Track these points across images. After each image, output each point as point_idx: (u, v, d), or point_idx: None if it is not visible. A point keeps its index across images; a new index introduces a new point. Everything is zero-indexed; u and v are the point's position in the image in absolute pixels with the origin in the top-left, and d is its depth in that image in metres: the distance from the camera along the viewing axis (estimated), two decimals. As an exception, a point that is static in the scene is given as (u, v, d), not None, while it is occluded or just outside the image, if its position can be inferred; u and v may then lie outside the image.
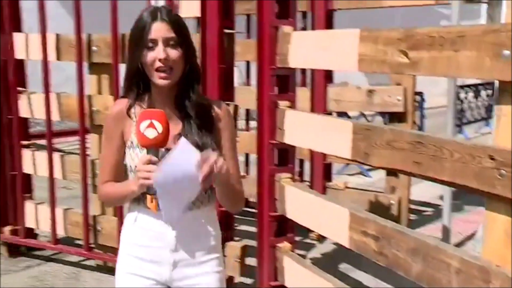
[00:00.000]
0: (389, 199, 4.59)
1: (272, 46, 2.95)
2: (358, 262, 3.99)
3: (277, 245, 3.17)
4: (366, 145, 2.44)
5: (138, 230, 1.89)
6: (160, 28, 1.73)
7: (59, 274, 4.08)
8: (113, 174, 1.91)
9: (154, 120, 1.67)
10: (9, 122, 4.23)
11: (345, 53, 2.52)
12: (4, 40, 4.13)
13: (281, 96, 3.02)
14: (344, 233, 2.62)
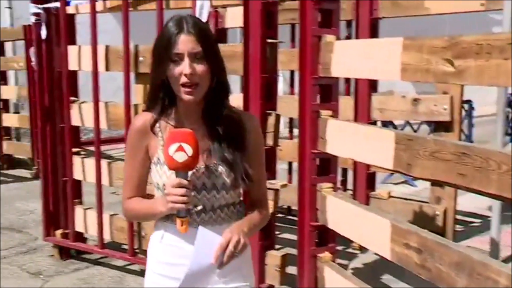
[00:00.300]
0: (434, 210, 4.45)
1: (315, 55, 2.89)
2: (400, 273, 3.87)
3: (318, 255, 3.11)
4: (408, 155, 2.36)
5: (165, 248, 1.80)
6: (186, 41, 1.62)
7: (104, 277, 4.13)
8: (137, 190, 1.82)
9: (183, 143, 1.59)
10: (61, 130, 4.31)
11: (387, 62, 2.44)
12: (59, 53, 4.21)
13: (323, 105, 2.96)
14: (385, 245, 2.53)
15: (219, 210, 1.78)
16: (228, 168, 1.73)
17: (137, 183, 1.81)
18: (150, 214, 1.78)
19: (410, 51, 2.32)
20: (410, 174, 2.40)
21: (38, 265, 4.36)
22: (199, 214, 1.75)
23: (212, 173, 1.73)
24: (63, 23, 4.08)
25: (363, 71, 2.65)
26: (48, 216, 4.51)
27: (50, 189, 4.49)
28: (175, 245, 1.77)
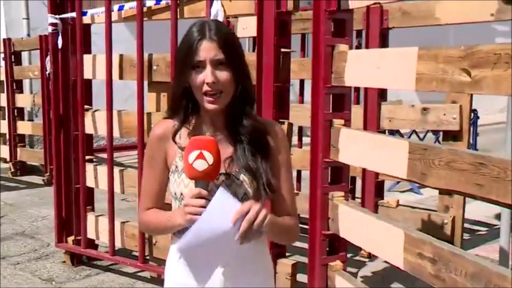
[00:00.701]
0: (442, 218, 4.38)
1: (328, 64, 2.84)
2: (410, 281, 3.80)
3: (329, 264, 3.04)
4: (423, 165, 2.30)
5: (182, 268, 1.63)
6: (208, 48, 1.52)
7: (115, 284, 4.07)
8: (156, 201, 1.71)
9: (204, 151, 1.47)
10: (75, 138, 4.27)
11: (402, 72, 2.39)
12: (75, 61, 4.18)
13: (335, 114, 2.90)
14: (398, 254, 2.47)
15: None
16: (250, 176, 1.61)
17: (155, 193, 1.70)
18: (169, 226, 1.63)
19: (425, 60, 2.27)
20: (425, 183, 2.33)
21: (50, 272, 4.31)
22: None
23: (234, 181, 1.61)
24: (78, 33, 4.04)
25: (377, 80, 2.59)
26: (60, 222, 4.46)
27: (63, 195, 4.45)
28: None
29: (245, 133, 1.62)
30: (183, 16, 3.56)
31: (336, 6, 2.81)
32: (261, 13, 3.05)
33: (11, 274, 4.24)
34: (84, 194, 4.27)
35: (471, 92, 2.17)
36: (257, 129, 1.65)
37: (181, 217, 1.53)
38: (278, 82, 3.05)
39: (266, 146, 1.66)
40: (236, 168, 1.62)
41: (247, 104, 1.64)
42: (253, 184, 1.61)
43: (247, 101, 1.64)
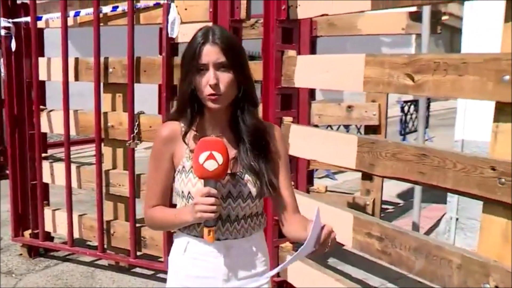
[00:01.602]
0: (364, 200, 4.52)
1: (278, 68, 2.84)
2: (344, 257, 3.90)
3: (280, 245, 3.05)
4: (371, 156, 2.35)
5: (190, 261, 1.58)
6: (210, 52, 1.45)
7: (75, 273, 3.87)
8: (161, 199, 1.62)
9: (214, 151, 1.40)
10: (31, 136, 4.01)
11: (350, 75, 2.42)
12: (29, 64, 3.92)
13: (284, 112, 2.91)
14: (348, 235, 2.51)
15: (243, 221, 1.57)
16: (254, 176, 1.55)
17: (161, 191, 1.61)
18: (176, 223, 1.55)
19: (372, 66, 2.31)
20: (373, 173, 2.39)
21: (9, 264, 4.02)
22: (223, 225, 1.55)
23: (238, 181, 1.54)
24: (33, 37, 3.78)
25: (326, 82, 2.61)
26: (17, 217, 4.18)
27: (19, 192, 4.16)
28: (200, 258, 1.58)
29: (247, 134, 1.55)
30: (139, 22, 3.42)
31: (286, 16, 2.82)
32: (216, 21, 2.99)
33: (-31, 270, 3.94)
34: (41, 190, 4.02)
35: (414, 94, 2.23)
36: (259, 130, 1.57)
37: (190, 214, 1.46)
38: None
39: (267, 146, 1.59)
40: (240, 168, 1.56)
41: (249, 105, 1.55)
42: (257, 183, 1.55)
43: (249, 102, 1.56)
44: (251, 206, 1.57)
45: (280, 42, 2.83)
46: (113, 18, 3.55)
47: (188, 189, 1.53)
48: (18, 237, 4.20)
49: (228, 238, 1.56)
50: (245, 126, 1.54)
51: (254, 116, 1.57)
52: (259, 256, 1.64)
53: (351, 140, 2.44)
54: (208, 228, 1.45)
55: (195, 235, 1.57)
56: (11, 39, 3.93)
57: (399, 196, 6.38)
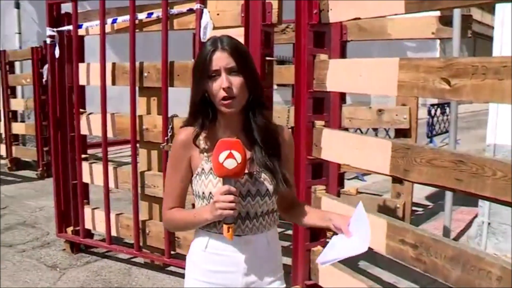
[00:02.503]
0: (395, 203, 4.29)
1: (310, 72, 2.66)
2: (373, 259, 3.68)
3: (312, 249, 2.87)
4: (405, 162, 2.15)
5: (210, 256, 1.56)
6: (221, 58, 1.44)
7: (113, 269, 3.79)
8: (178, 201, 1.60)
9: (233, 151, 1.39)
10: (72, 138, 3.95)
11: (384, 79, 2.23)
12: (71, 69, 3.86)
13: (317, 116, 2.72)
14: (381, 241, 2.32)
15: (261, 218, 1.55)
16: (270, 174, 1.53)
17: (179, 194, 1.59)
18: (196, 222, 1.53)
19: (406, 70, 2.11)
20: (407, 179, 2.18)
21: (53, 259, 3.98)
22: (243, 222, 1.52)
23: (256, 180, 1.53)
24: (75, 43, 3.71)
25: (359, 86, 2.42)
26: (60, 214, 4.13)
27: (61, 190, 4.11)
28: (220, 254, 1.54)
29: (259, 134, 1.53)
30: (173, 28, 3.30)
31: (318, 20, 2.64)
32: (248, 26, 2.83)
33: (19, 261, 3.91)
34: (81, 190, 3.96)
35: (451, 99, 2.02)
36: (270, 131, 1.56)
37: (210, 212, 1.44)
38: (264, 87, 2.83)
39: (278, 145, 1.58)
40: (256, 167, 1.54)
41: (260, 108, 1.53)
42: (273, 181, 1.54)
43: (259, 105, 1.53)
44: (268, 203, 1.56)
45: (312, 46, 2.66)
46: (148, 24, 3.44)
47: (209, 190, 1.51)
48: (62, 233, 4.15)
49: (247, 234, 1.54)
50: (258, 127, 1.53)
51: (265, 118, 1.55)
52: (275, 251, 1.64)
53: (385, 145, 2.25)
54: (228, 225, 1.43)
55: (216, 232, 1.54)
56: (55, 47, 3.89)
57: (427, 199, 6.10)
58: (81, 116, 3.90)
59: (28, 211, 5.47)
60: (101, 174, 3.78)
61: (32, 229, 4.78)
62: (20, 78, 7.77)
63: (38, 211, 5.46)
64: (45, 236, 4.56)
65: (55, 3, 3.88)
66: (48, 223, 4.93)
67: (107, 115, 3.71)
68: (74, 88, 3.81)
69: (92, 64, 3.81)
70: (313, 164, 2.78)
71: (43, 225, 4.91)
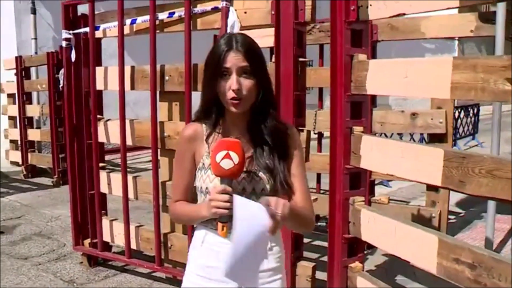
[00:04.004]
0: (430, 212, 4.05)
1: (348, 73, 2.46)
2: (412, 273, 3.46)
3: (350, 265, 2.66)
4: (460, 173, 1.93)
5: (206, 251, 1.59)
6: (234, 58, 1.45)
7: (133, 284, 3.63)
8: (185, 194, 1.64)
9: (231, 151, 1.40)
10: (88, 146, 3.79)
11: (435, 81, 2.02)
12: (87, 74, 3.71)
13: (355, 121, 2.52)
14: (431, 259, 2.10)
15: None
16: (268, 174, 1.54)
17: (184, 188, 1.63)
18: (196, 217, 1.56)
19: (462, 70, 1.90)
20: (463, 191, 1.96)
21: (70, 273, 3.82)
22: None
23: (253, 178, 1.54)
24: (91, 46, 3.56)
25: (404, 88, 2.21)
26: (76, 226, 3.98)
27: (78, 201, 3.96)
28: (215, 249, 1.57)
29: (266, 134, 1.55)
30: (196, 28, 3.12)
31: (355, 17, 2.44)
32: (279, 24, 2.64)
33: (35, 276, 3.76)
34: (98, 200, 3.80)
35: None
36: (278, 131, 1.57)
37: (207, 210, 1.45)
38: (297, 90, 2.64)
39: (285, 147, 1.59)
40: (255, 166, 1.56)
41: (268, 109, 1.55)
42: (270, 181, 1.55)
43: (268, 106, 1.56)
44: None
45: (349, 45, 2.46)
46: (169, 24, 3.27)
47: (206, 185, 1.54)
48: (79, 246, 4.00)
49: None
50: (266, 128, 1.54)
51: (274, 118, 1.56)
52: (273, 251, 1.61)
53: (436, 154, 2.03)
54: (222, 223, 1.43)
55: (212, 228, 1.56)
56: (71, 50, 3.74)
57: (458, 205, 5.84)
58: (98, 122, 3.75)
59: (44, 220, 5.34)
60: (119, 184, 3.62)
61: (48, 240, 4.64)
62: (36, 84, 7.71)
63: (54, 221, 5.33)
64: (61, 248, 4.41)
65: (71, 4, 3.74)
66: (64, 233, 4.79)
67: (126, 121, 3.55)
68: (91, 93, 3.66)
69: (110, 67, 3.65)
70: (351, 174, 2.57)
71: (59, 236, 4.77)
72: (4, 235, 4.79)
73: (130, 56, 3.47)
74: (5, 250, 4.36)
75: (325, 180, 4.83)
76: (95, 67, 3.63)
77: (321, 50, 4.64)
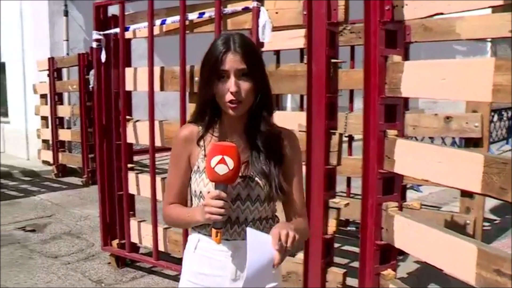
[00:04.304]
0: (464, 219, 3.93)
1: (382, 75, 2.38)
2: (445, 281, 3.34)
3: (382, 273, 2.58)
4: (502, 179, 1.84)
5: (199, 258, 1.55)
6: (232, 60, 1.41)
7: (160, 286, 3.61)
8: (178, 197, 1.60)
9: (225, 156, 1.36)
10: (117, 147, 3.81)
11: (474, 83, 1.93)
12: (117, 74, 3.72)
13: (389, 124, 2.44)
14: (469, 270, 2.01)
15: (252, 224, 1.52)
16: (264, 179, 1.50)
17: (178, 190, 1.59)
18: (189, 221, 1.52)
19: (505, 71, 1.81)
20: (504, 199, 1.87)
21: (99, 273, 3.85)
22: (232, 226, 1.51)
23: (248, 184, 1.50)
24: (121, 47, 3.57)
25: (441, 91, 2.12)
26: (105, 227, 4.00)
27: (107, 201, 3.98)
28: (208, 256, 1.54)
29: (261, 139, 1.52)
30: (226, 28, 3.09)
31: (390, 17, 2.36)
32: (311, 25, 2.59)
33: (65, 274, 3.80)
34: (127, 201, 3.81)
35: None
36: (273, 136, 1.54)
37: (201, 215, 1.42)
38: (329, 92, 2.58)
39: (280, 152, 1.55)
40: (251, 171, 1.52)
41: (265, 112, 1.51)
42: (266, 187, 1.51)
43: (266, 109, 1.51)
44: (260, 209, 1.53)
45: (384, 46, 2.38)
46: (199, 25, 3.25)
47: (200, 188, 1.51)
48: (107, 246, 4.02)
49: (236, 239, 1.52)
50: (260, 132, 1.51)
51: (268, 123, 1.52)
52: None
53: (476, 159, 1.95)
54: (216, 229, 1.41)
55: (205, 234, 1.54)
56: (101, 51, 3.77)
57: (493, 212, 5.65)
58: (127, 123, 3.76)
59: (73, 220, 5.41)
60: (148, 185, 3.62)
61: (77, 240, 4.69)
62: (67, 85, 7.85)
63: (83, 220, 5.39)
64: (90, 247, 4.45)
65: (102, 5, 3.77)
66: (93, 233, 4.83)
67: (155, 122, 3.55)
68: (121, 94, 3.67)
69: (139, 68, 3.66)
70: (384, 178, 2.50)
71: (87, 235, 4.82)
72: (35, 233, 4.87)
73: (159, 57, 3.45)
74: (36, 248, 4.42)
75: (355, 184, 4.75)
76: (125, 68, 3.64)
77: (352, 52, 4.56)
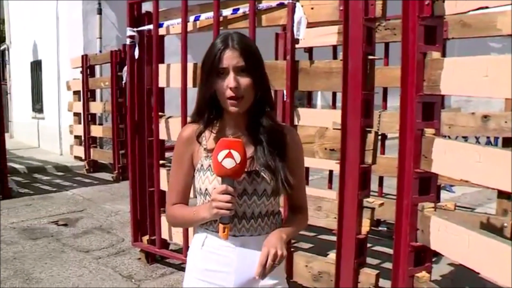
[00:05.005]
0: (502, 221, 3.81)
1: (420, 72, 2.32)
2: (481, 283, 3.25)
3: (416, 275, 2.52)
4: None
5: (205, 255, 1.57)
6: (231, 56, 1.43)
7: (190, 283, 3.61)
8: (182, 196, 1.62)
9: (232, 150, 1.38)
10: (149, 143, 3.84)
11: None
12: (150, 71, 3.75)
13: (426, 123, 2.38)
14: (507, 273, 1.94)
15: (259, 219, 1.55)
16: (270, 174, 1.51)
17: (181, 190, 1.60)
18: (195, 219, 1.53)
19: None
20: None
21: (129, 268, 3.89)
22: (239, 221, 1.53)
23: (254, 179, 1.52)
24: (155, 43, 3.60)
25: (484, 89, 2.05)
26: (135, 223, 4.04)
27: (138, 197, 4.02)
28: (215, 253, 1.55)
29: (264, 134, 1.53)
30: (261, 24, 3.07)
31: (430, 12, 2.30)
32: (347, 20, 2.55)
33: (96, 269, 3.86)
34: (158, 198, 3.83)
35: None
36: (275, 130, 1.55)
37: (207, 211, 1.44)
38: (365, 89, 2.54)
39: (283, 146, 1.56)
40: (256, 166, 1.53)
41: (266, 108, 1.53)
42: (272, 181, 1.52)
43: (266, 105, 1.53)
44: (266, 204, 1.55)
45: (423, 42, 2.32)
46: (233, 21, 3.24)
47: (205, 186, 1.51)
48: (137, 242, 4.06)
49: (244, 235, 1.54)
50: (263, 127, 1.52)
51: (271, 118, 1.54)
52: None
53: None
54: (224, 225, 1.43)
55: (213, 231, 1.55)
56: (134, 48, 3.80)
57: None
58: (159, 119, 3.78)
59: (104, 215, 5.49)
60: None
61: (107, 235, 4.75)
62: (99, 81, 7.98)
63: (114, 215, 5.46)
64: (120, 242, 4.50)
65: (136, 2, 3.80)
66: (123, 228, 4.89)
67: (188, 119, 3.56)
68: (154, 90, 3.70)
69: (172, 65, 3.67)
70: (420, 178, 2.44)
71: (118, 230, 4.88)
72: (67, 227, 4.96)
73: (191, 54, 3.45)
74: (68, 242, 4.50)
75: (387, 183, 4.68)
76: (158, 65, 3.66)
77: (386, 49, 4.48)
